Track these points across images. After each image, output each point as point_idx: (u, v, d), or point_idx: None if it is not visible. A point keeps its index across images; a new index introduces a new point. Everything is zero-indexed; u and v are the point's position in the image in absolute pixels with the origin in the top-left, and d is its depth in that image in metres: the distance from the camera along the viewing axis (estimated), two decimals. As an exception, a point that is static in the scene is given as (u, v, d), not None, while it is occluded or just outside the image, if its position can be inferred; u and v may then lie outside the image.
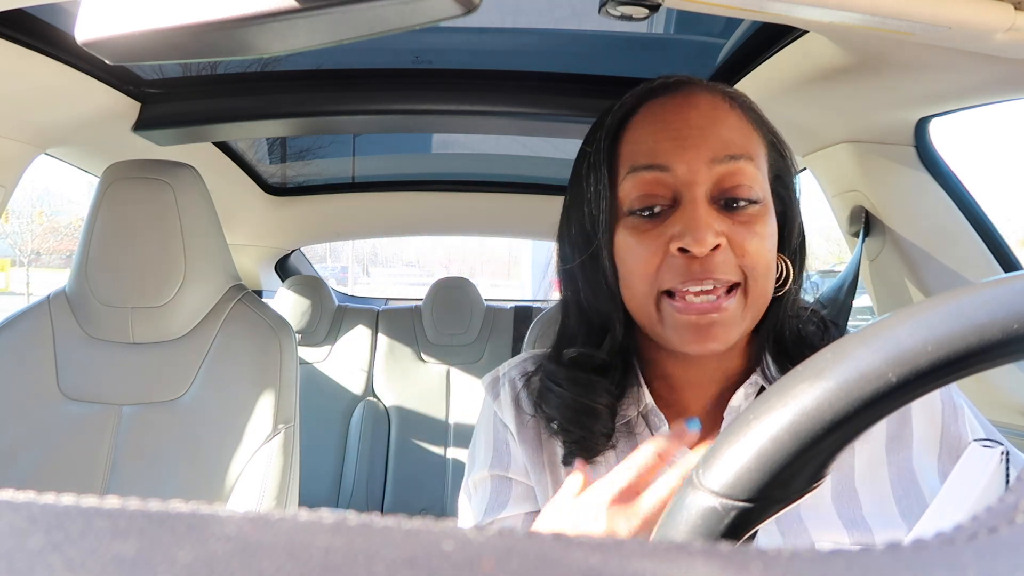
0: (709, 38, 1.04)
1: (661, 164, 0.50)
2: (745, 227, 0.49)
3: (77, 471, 1.00)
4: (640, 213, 0.51)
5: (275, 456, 1.02)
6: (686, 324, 0.49)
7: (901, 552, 0.12)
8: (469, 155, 1.86)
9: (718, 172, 0.49)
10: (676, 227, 0.49)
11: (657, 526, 0.28)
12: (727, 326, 0.48)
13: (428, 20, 0.34)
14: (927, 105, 0.92)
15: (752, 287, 0.49)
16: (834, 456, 0.26)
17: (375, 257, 36.98)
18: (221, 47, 0.35)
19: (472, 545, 0.11)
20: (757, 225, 0.49)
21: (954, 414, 0.52)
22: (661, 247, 0.49)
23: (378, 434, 2.10)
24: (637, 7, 0.62)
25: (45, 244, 20.89)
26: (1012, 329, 0.22)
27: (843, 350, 0.25)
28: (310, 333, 2.22)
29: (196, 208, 1.07)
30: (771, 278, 0.51)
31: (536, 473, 0.57)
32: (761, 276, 0.49)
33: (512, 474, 0.58)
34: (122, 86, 1.06)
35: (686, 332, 0.49)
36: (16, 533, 0.11)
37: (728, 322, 0.48)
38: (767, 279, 0.50)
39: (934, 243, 1.06)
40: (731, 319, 0.49)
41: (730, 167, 0.49)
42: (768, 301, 0.51)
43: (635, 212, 0.51)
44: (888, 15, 0.55)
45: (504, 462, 0.59)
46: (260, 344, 1.08)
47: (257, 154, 1.73)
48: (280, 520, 0.12)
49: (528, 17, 1.04)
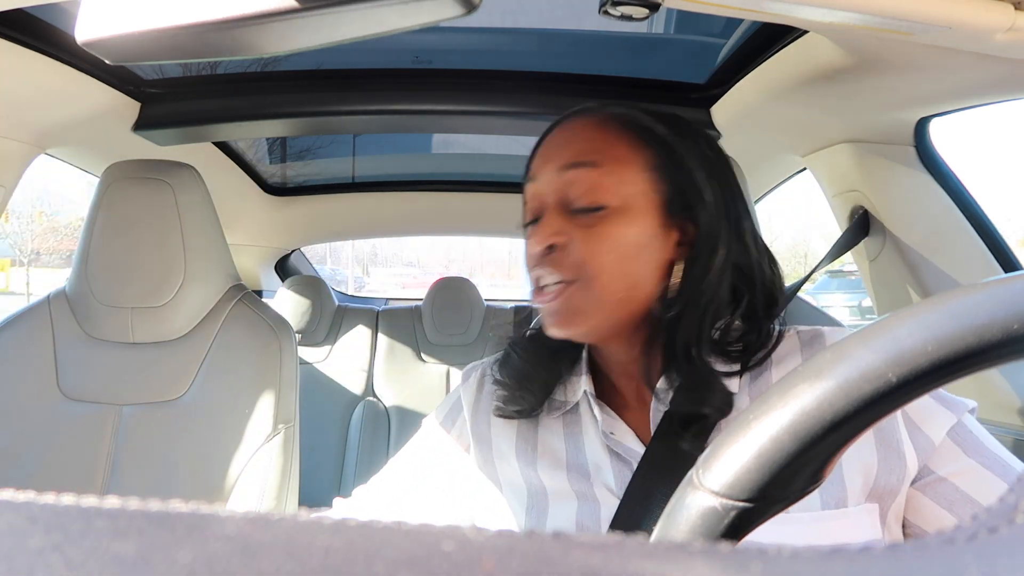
0: (709, 38, 1.04)
1: (531, 175, 0.59)
2: (584, 230, 0.54)
3: (77, 471, 1.00)
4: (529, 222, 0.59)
5: (275, 456, 1.02)
6: (542, 310, 0.57)
7: (901, 552, 0.12)
8: (469, 155, 1.86)
9: (564, 179, 0.56)
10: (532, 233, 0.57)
11: (657, 526, 0.28)
12: (570, 315, 0.55)
13: (428, 20, 0.34)
14: (927, 105, 0.92)
15: (592, 283, 0.54)
16: (834, 456, 0.26)
17: (375, 257, 36.99)
18: (221, 47, 0.35)
19: (472, 545, 0.11)
20: (597, 228, 0.54)
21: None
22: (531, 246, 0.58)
23: (378, 434, 2.10)
24: (637, 7, 0.62)
25: (45, 244, 20.89)
26: (1012, 329, 0.22)
27: (843, 350, 0.25)
28: (310, 333, 2.22)
29: (196, 208, 1.07)
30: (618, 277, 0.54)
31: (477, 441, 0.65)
32: (600, 275, 0.54)
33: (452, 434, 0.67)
34: (122, 86, 1.06)
35: (544, 316, 0.57)
36: (16, 533, 0.11)
37: (569, 311, 0.55)
38: (610, 278, 0.54)
39: (934, 243, 1.06)
40: (572, 309, 0.55)
41: (572, 175, 0.55)
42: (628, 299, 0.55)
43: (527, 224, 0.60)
44: (888, 15, 0.55)
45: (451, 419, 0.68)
46: (260, 344, 1.08)
47: (257, 154, 1.73)
48: (280, 520, 0.12)
49: (528, 17, 1.04)
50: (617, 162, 0.55)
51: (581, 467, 0.57)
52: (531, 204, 0.59)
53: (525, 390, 0.61)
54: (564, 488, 0.57)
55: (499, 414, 0.62)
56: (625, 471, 0.55)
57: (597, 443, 0.58)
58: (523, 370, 0.61)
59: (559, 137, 0.59)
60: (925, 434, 0.50)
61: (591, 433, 0.59)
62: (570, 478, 0.57)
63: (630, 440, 0.56)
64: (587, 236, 0.54)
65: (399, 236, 2.43)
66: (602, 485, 0.55)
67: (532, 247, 0.56)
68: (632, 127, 0.57)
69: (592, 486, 0.56)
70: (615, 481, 0.55)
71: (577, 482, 0.57)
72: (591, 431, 0.59)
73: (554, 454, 0.59)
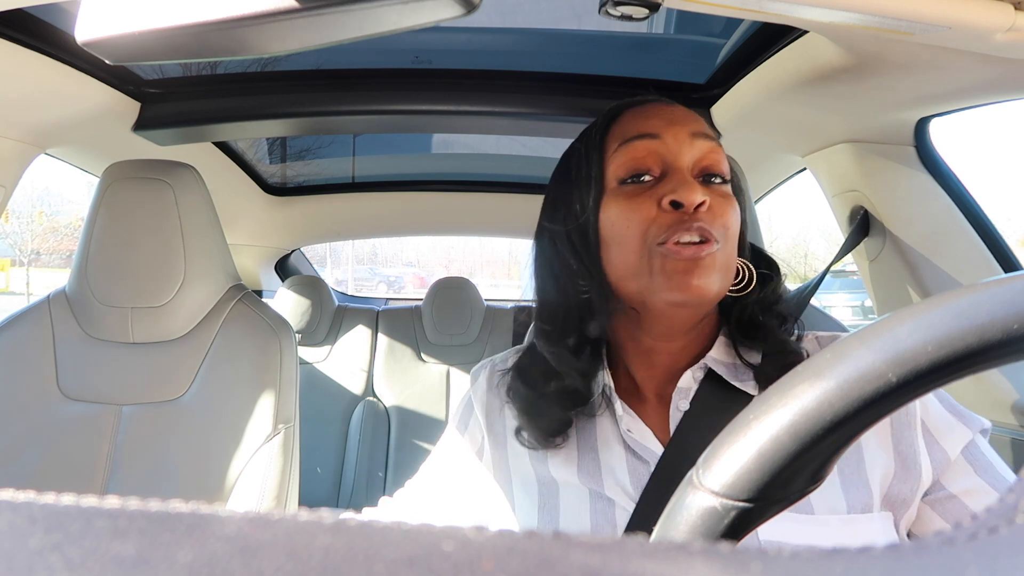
0: (709, 38, 1.04)
1: (652, 133, 0.56)
2: (720, 198, 0.55)
3: (77, 471, 1.00)
4: (632, 180, 0.56)
5: (275, 456, 1.02)
6: (675, 268, 0.53)
7: (901, 552, 0.12)
8: (469, 155, 1.86)
9: (699, 148, 0.56)
10: (667, 187, 0.54)
11: (657, 526, 0.28)
12: (709, 272, 0.53)
13: (428, 20, 0.34)
14: (927, 105, 0.92)
15: (724, 250, 0.54)
16: (834, 456, 0.26)
17: (375, 257, 36.99)
18: (221, 47, 0.35)
19: (472, 545, 0.11)
20: (729, 199, 0.56)
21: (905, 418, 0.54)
22: (653, 205, 0.55)
23: (378, 434, 2.10)
24: (637, 7, 0.62)
25: (45, 244, 20.88)
26: (1012, 329, 0.22)
27: (843, 350, 0.25)
28: (310, 333, 2.22)
29: (196, 208, 1.07)
30: (736, 252, 0.56)
31: (492, 441, 0.64)
32: (731, 244, 0.55)
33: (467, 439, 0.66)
34: (122, 86, 1.06)
35: (675, 275, 0.53)
36: (16, 533, 0.11)
37: (710, 268, 0.53)
38: (734, 250, 0.56)
39: (934, 243, 1.06)
40: (713, 267, 0.53)
41: (709, 144, 0.56)
42: (732, 275, 0.56)
43: (626, 181, 0.56)
44: (888, 15, 0.55)
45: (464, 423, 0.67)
46: (260, 344, 1.08)
47: (257, 154, 1.73)
48: (280, 520, 0.12)
49: (528, 17, 1.04)
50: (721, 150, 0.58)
51: (593, 463, 0.57)
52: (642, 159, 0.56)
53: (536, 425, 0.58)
54: (575, 483, 0.56)
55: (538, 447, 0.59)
56: (642, 470, 0.54)
57: (614, 440, 0.57)
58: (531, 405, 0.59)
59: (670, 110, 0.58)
60: (942, 448, 0.51)
61: (607, 429, 0.58)
62: (581, 475, 0.57)
63: (649, 440, 0.56)
64: (724, 205, 0.55)
65: (399, 236, 2.43)
66: (615, 484, 0.55)
67: (682, 195, 0.53)
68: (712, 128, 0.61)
69: (604, 485, 0.55)
70: (631, 481, 0.54)
71: (589, 479, 0.56)
72: (607, 428, 0.58)
73: (566, 450, 0.58)
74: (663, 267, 0.53)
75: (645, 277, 0.54)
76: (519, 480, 0.61)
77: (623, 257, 0.56)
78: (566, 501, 0.56)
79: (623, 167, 0.56)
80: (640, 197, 0.55)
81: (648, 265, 0.54)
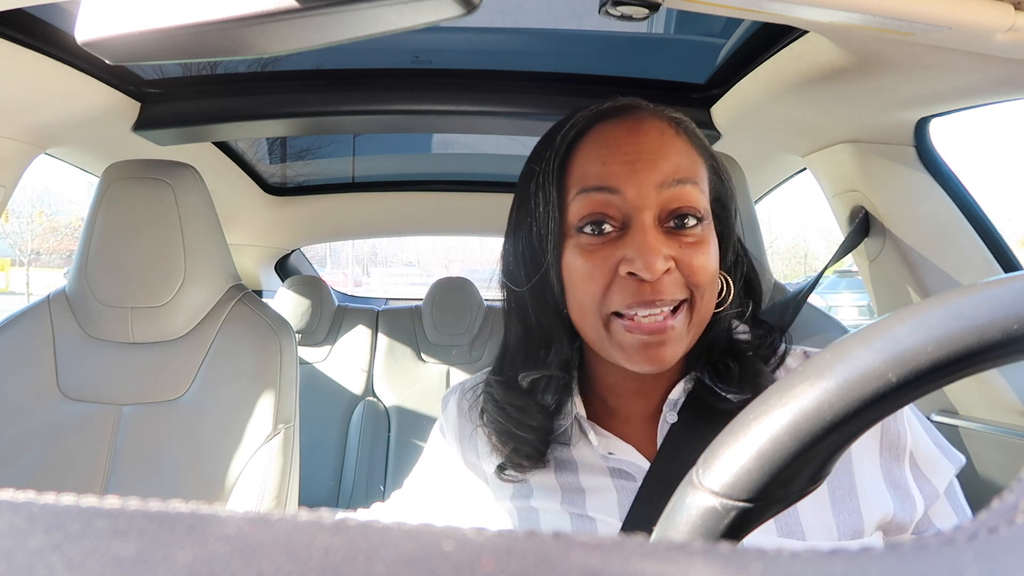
0: (709, 38, 1.04)
1: (611, 187, 0.51)
2: (692, 248, 0.50)
3: (77, 471, 1.00)
4: (589, 232, 0.51)
5: (275, 456, 1.02)
6: (635, 344, 0.50)
7: (901, 552, 0.12)
8: (469, 155, 1.86)
9: (666, 195, 0.50)
10: (627, 251, 0.49)
11: (657, 526, 0.28)
12: (674, 344, 0.50)
13: (428, 20, 0.34)
14: (927, 105, 0.92)
15: (698, 303, 0.51)
16: (834, 456, 0.26)
17: (375, 257, 36.99)
18: (221, 47, 0.35)
19: (472, 545, 0.11)
20: (702, 245, 0.51)
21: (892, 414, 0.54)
22: (610, 269, 0.50)
23: (378, 434, 2.10)
24: (637, 7, 0.62)
25: (45, 244, 20.89)
26: (1012, 329, 0.22)
27: (843, 350, 0.25)
28: (310, 333, 2.22)
29: (196, 208, 1.07)
30: (715, 293, 0.53)
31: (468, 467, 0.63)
32: (707, 292, 0.51)
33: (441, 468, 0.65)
34: (122, 86, 1.06)
35: (635, 352, 0.50)
36: (16, 533, 0.11)
37: (675, 340, 0.50)
38: (712, 294, 0.52)
39: (934, 243, 1.06)
40: (678, 336, 0.50)
41: (676, 191, 0.50)
42: (711, 314, 0.53)
43: (583, 230, 0.52)
44: (888, 15, 0.55)
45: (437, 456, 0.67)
46: (260, 344, 1.08)
47: (257, 154, 1.73)
48: (280, 520, 0.12)
49: (528, 17, 1.04)
50: (700, 176, 0.53)
51: (576, 493, 0.56)
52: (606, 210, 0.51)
53: (521, 449, 0.56)
54: (556, 510, 0.56)
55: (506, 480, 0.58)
56: (631, 487, 0.54)
57: (595, 468, 0.56)
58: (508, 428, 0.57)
59: (636, 141, 0.52)
60: (931, 483, 0.52)
61: (586, 457, 0.57)
62: (564, 504, 0.56)
63: (633, 455, 0.55)
64: (694, 254, 0.50)
65: (399, 236, 2.44)
66: (599, 507, 0.54)
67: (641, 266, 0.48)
68: (693, 137, 0.54)
69: (587, 510, 0.55)
70: (618, 500, 0.54)
71: (571, 505, 0.55)
72: (586, 456, 0.57)
73: (546, 483, 0.57)
74: (621, 340, 0.50)
75: (605, 343, 0.52)
76: (500, 511, 0.61)
77: (581, 312, 0.53)
78: (545, 525, 0.56)
79: (580, 215, 0.52)
80: (598, 255, 0.51)
81: (607, 332, 0.51)
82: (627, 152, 0.51)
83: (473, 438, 0.63)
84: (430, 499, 0.66)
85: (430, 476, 0.67)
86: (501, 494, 0.60)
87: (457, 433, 0.65)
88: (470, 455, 0.63)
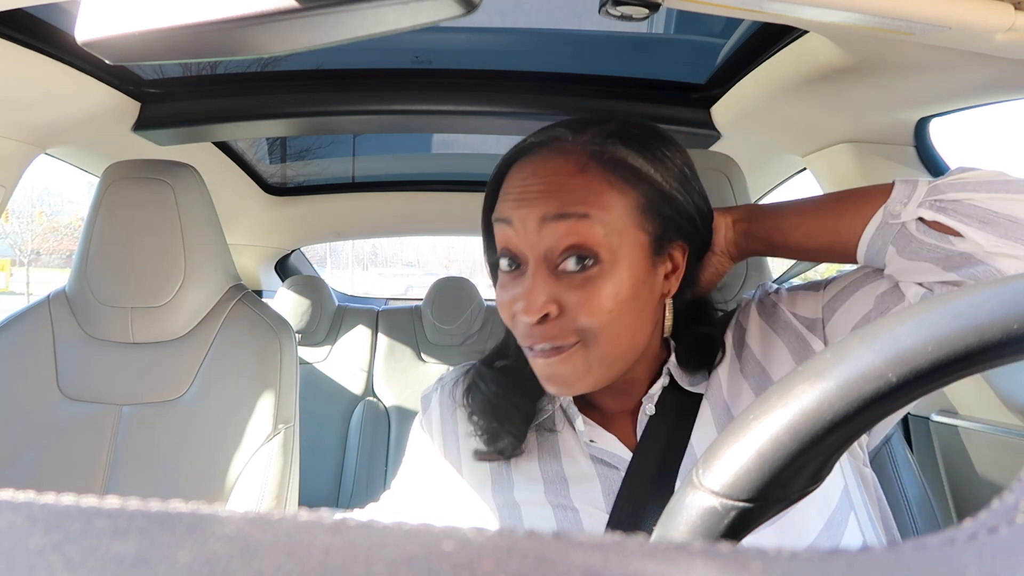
0: (709, 38, 1.04)
1: (506, 217, 0.52)
2: (578, 291, 0.49)
3: (77, 471, 1.00)
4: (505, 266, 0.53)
5: (275, 456, 1.02)
6: (541, 370, 0.53)
7: (901, 552, 0.12)
8: (469, 155, 1.86)
9: (550, 234, 0.50)
10: (517, 290, 0.51)
11: (657, 526, 0.28)
12: (571, 375, 0.51)
13: (428, 20, 0.34)
14: (927, 105, 0.92)
15: (593, 343, 0.50)
16: (834, 456, 0.26)
17: (375, 257, 36.99)
18: (221, 47, 0.35)
19: (472, 545, 0.11)
20: (592, 286, 0.49)
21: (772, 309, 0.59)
22: (510, 306, 0.53)
23: (378, 434, 2.10)
24: (637, 7, 0.62)
25: (45, 244, 20.89)
26: (1012, 329, 0.22)
27: (843, 350, 0.25)
28: (310, 333, 2.22)
29: (196, 208, 1.07)
30: (622, 327, 0.51)
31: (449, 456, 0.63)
32: (604, 332, 0.50)
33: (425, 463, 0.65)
34: (122, 86, 1.06)
35: (544, 378, 0.53)
36: (16, 533, 0.11)
37: (571, 373, 0.51)
38: (613, 334, 0.50)
39: (934, 243, 1.05)
40: (574, 370, 0.51)
41: (560, 227, 0.49)
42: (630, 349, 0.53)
43: (500, 263, 0.54)
44: (888, 15, 0.55)
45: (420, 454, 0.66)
46: (260, 344, 1.08)
47: (257, 154, 1.73)
48: (280, 520, 0.12)
49: (528, 17, 1.04)
50: (604, 210, 0.49)
51: (559, 482, 0.56)
52: (504, 246, 0.53)
53: (503, 425, 0.57)
54: (539, 501, 0.56)
55: (480, 458, 0.59)
56: (614, 477, 0.54)
57: (578, 455, 0.56)
58: (496, 404, 0.58)
59: (533, 176, 0.51)
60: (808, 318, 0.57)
61: (570, 445, 0.57)
62: (547, 493, 0.56)
63: (615, 446, 0.56)
64: (583, 297, 0.49)
65: (399, 236, 2.44)
66: (583, 496, 0.54)
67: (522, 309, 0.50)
68: (614, 167, 0.51)
69: (570, 498, 0.55)
70: (603, 490, 0.54)
71: (554, 495, 0.55)
72: (570, 443, 0.57)
73: (529, 472, 0.57)
74: (533, 364, 0.53)
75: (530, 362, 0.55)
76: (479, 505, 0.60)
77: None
78: (528, 521, 0.56)
79: (499, 247, 0.54)
80: (507, 289, 0.53)
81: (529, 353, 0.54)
82: (523, 184, 0.52)
83: (455, 428, 0.63)
84: (418, 498, 0.66)
85: (414, 475, 0.66)
86: (483, 488, 0.59)
87: (441, 428, 0.65)
88: (451, 448, 0.63)
